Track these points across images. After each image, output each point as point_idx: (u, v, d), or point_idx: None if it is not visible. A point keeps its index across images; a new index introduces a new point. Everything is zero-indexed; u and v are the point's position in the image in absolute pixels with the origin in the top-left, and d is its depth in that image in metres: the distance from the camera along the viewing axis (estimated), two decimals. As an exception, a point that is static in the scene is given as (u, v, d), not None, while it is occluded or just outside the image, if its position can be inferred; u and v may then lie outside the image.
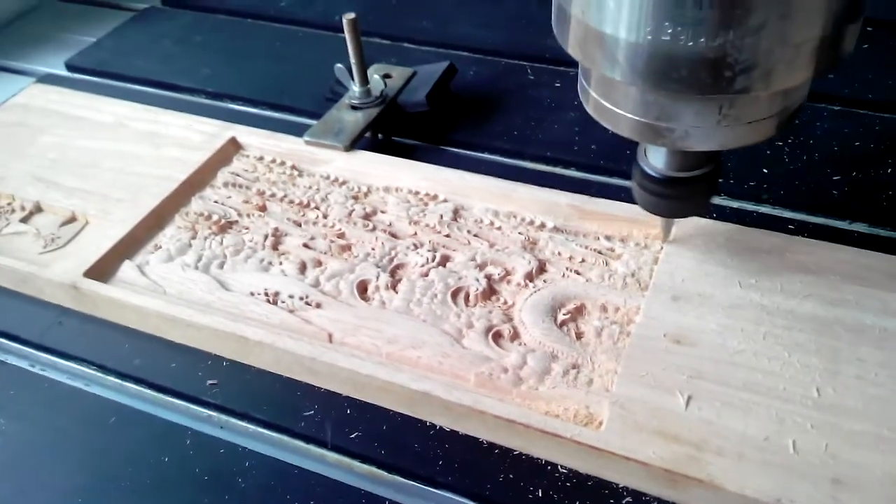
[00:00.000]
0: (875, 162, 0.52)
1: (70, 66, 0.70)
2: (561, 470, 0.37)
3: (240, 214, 0.50)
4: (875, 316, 0.39)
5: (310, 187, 0.52)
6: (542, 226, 0.47)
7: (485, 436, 0.38)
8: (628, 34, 0.30)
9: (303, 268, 0.46)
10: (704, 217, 0.45)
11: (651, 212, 0.41)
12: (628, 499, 0.35)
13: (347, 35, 0.53)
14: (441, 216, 0.48)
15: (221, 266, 0.46)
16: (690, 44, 0.28)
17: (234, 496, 0.37)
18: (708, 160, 0.38)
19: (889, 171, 0.51)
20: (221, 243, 0.48)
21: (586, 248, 0.45)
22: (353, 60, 0.55)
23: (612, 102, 0.35)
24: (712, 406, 0.36)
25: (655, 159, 0.38)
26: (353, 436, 0.39)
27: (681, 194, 0.39)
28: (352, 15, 0.53)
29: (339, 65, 0.56)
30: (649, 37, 0.29)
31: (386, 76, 0.58)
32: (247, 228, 0.49)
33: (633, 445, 0.35)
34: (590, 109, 0.37)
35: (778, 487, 0.33)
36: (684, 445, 0.35)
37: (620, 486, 0.36)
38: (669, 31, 0.29)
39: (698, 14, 0.28)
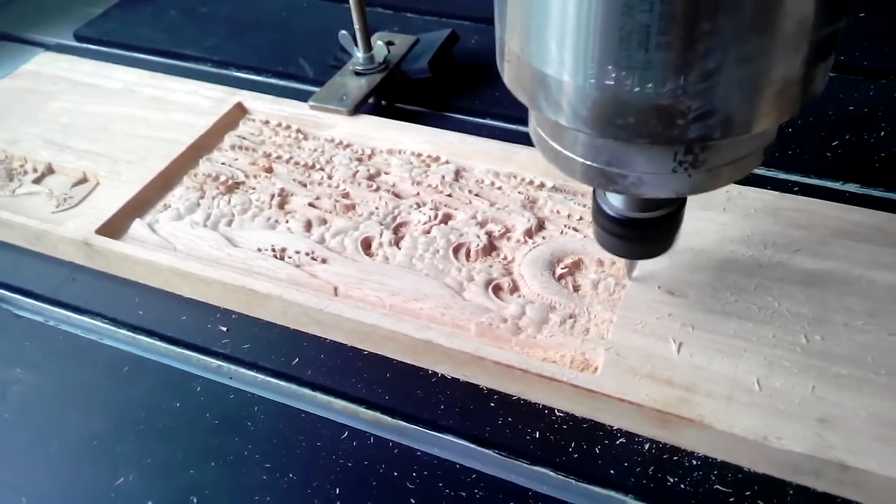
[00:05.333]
0: (868, 126, 0.53)
1: (78, 37, 0.71)
2: (558, 413, 0.38)
3: (247, 175, 0.51)
4: (864, 268, 0.40)
5: (315, 150, 0.53)
6: (542, 185, 0.48)
7: (485, 382, 0.39)
8: (571, 77, 0.26)
9: (308, 226, 0.47)
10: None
11: (612, 252, 0.38)
12: (622, 439, 0.37)
13: (352, 1, 0.54)
14: (443, 177, 0.49)
15: (229, 224, 0.48)
16: (637, 89, 0.25)
17: (243, 438, 0.38)
18: (672, 199, 0.34)
19: (882, 134, 0.52)
20: (229, 202, 0.49)
21: (584, 206, 0.46)
22: (356, 27, 0.56)
23: (559, 143, 0.31)
24: (703, 352, 0.37)
25: (614, 197, 0.35)
26: (358, 383, 0.40)
27: (643, 236, 0.36)
28: (356, -19, 0.54)
29: (343, 31, 0.57)
30: (592, 80, 0.26)
31: (389, 43, 0.59)
32: (253, 189, 0.50)
33: (627, 388, 0.36)
34: (538, 147, 0.33)
35: (765, 426, 0.34)
36: (676, 388, 0.36)
37: (614, 427, 0.37)
38: (613, 75, 0.25)
39: (644, 57, 0.24)
